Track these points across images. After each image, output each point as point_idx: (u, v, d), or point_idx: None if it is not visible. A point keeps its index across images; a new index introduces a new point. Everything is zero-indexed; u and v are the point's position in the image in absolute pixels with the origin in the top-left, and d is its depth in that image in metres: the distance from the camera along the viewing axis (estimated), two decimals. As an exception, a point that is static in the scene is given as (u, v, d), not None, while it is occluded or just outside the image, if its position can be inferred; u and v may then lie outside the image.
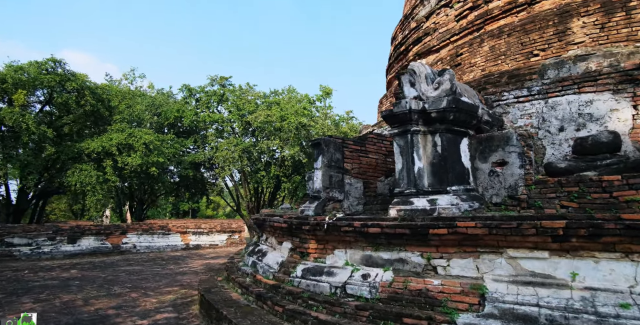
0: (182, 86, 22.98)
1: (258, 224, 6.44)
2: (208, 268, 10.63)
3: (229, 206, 55.86)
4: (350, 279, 4.07)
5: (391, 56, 10.10)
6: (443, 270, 3.54)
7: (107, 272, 10.06)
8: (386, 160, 6.30)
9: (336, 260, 4.50)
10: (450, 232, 3.38)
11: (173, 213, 50.56)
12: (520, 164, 4.26)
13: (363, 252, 4.23)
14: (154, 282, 8.37)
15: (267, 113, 18.92)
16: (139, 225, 16.09)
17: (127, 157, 17.18)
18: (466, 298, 3.18)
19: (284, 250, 5.44)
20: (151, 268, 10.78)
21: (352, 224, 4.14)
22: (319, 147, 5.49)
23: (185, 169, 21.19)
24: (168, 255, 14.21)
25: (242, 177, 22.79)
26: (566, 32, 5.79)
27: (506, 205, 4.30)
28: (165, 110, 22.37)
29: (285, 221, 5.20)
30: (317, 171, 5.49)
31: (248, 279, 5.73)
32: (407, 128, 4.29)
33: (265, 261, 5.60)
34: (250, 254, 6.44)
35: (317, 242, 4.82)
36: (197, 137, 22.95)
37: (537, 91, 5.02)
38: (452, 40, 7.68)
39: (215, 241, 17.24)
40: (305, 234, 4.89)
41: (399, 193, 4.28)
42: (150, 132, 18.39)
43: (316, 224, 4.60)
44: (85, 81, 17.75)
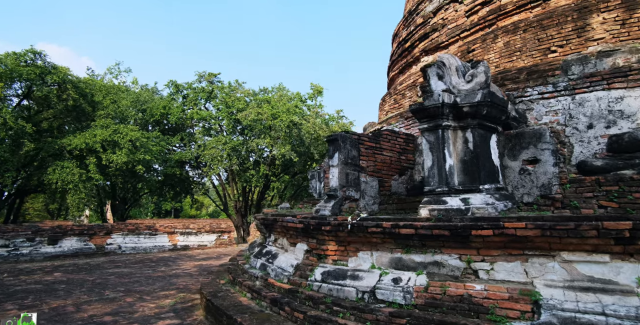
0: (168, 82, 22.38)
1: (266, 224, 6.11)
2: (202, 270, 10.23)
3: (212, 206, 55.07)
4: (380, 284, 3.81)
5: (394, 53, 9.89)
6: (485, 275, 3.31)
7: (95, 275, 9.55)
8: (400, 158, 6.07)
9: (360, 263, 4.23)
10: (497, 233, 3.15)
11: (155, 213, 49.50)
12: (554, 161, 4.08)
13: (392, 254, 3.97)
14: (148, 286, 7.93)
15: (257, 111, 18.52)
16: (125, 226, 15.48)
17: (112, 154, 16.52)
18: (517, 305, 2.96)
19: (298, 252, 5.14)
20: (141, 270, 10.29)
21: (381, 225, 3.87)
22: (336, 143, 5.21)
23: (172, 168, 20.58)
24: (156, 257, 13.68)
25: (230, 176, 22.32)
26: (585, 28, 5.66)
27: (539, 205, 4.12)
28: (150, 107, 21.70)
29: (300, 221, 4.90)
30: (333, 169, 5.21)
31: (258, 282, 5.40)
32: (438, 123, 4.05)
33: (277, 264, 5.29)
34: (257, 255, 6.11)
35: (338, 244, 4.53)
36: (183, 134, 22.35)
37: (563, 87, 4.86)
38: (462, 36, 7.51)
39: (204, 242, 16.75)
40: (325, 235, 4.61)
41: (429, 192, 4.04)
42: (136, 129, 17.73)
43: (338, 225, 4.32)
44: (67, 74, 16.95)
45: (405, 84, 8.62)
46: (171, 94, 22.53)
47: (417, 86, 8.22)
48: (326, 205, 5.07)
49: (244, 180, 21.10)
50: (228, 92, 21.55)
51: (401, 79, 9.34)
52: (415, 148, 6.30)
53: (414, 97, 8.27)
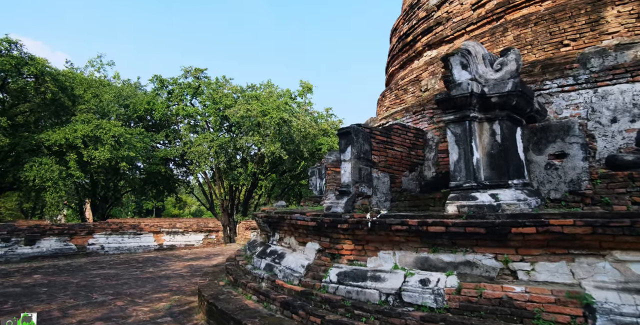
0: (152, 77, 21.68)
1: (270, 222, 5.79)
2: (193, 271, 9.81)
3: (195, 205, 54.11)
4: (406, 285, 3.55)
5: (393, 48, 9.68)
6: (525, 275, 3.09)
7: (78, 277, 9.02)
8: (410, 154, 5.84)
9: (381, 264, 3.97)
10: (540, 231, 2.93)
11: (136, 212, 48.32)
12: (584, 156, 3.90)
13: (417, 254, 3.72)
14: (138, 288, 7.49)
15: (246, 107, 18.08)
16: (108, 225, 14.85)
17: (94, 150, 15.85)
18: (565, 309, 2.74)
19: (308, 252, 4.85)
20: (128, 271, 9.80)
21: (407, 222, 3.62)
22: (348, 136, 4.94)
23: (156, 165, 19.94)
24: (142, 257, 13.15)
25: (216, 175, 21.79)
26: (600, 22, 5.54)
27: (567, 201, 3.94)
28: (134, 102, 20.99)
29: (312, 219, 4.61)
30: (345, 163, 4.94)
31: (264, 284, 5.08)
32: (465, 114, 3.82)
33: (286, 264, 4.98)
34: (260, 255, 5.78)
35: (355, 243, 4.26)
36: (168, 131, 21.70)
37: (584, 80, 4.70)
38: (468, 30, 7.34)
39: (191, 241, 16.24)
40: (340, 233, 4.33)
41: (455, 187, 3.80)
42: (120, 124, 17.07)
43: (356, 222, 4.05)
44: (45, 66, 16.13)
45: (407, 79, 8.41)
46: (155, 89, 21.84)
47: (420, 81, 8.02)
48: (338, 201, 4.79)
49: (231, 179, 20.61)
50: (215, 88, 21.01)
51: (402, 74, 9.13)
52: (424, 143, 6.08)
53: (417, 92, 8.07)
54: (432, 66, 7.77)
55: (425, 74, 7.88)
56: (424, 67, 7.99)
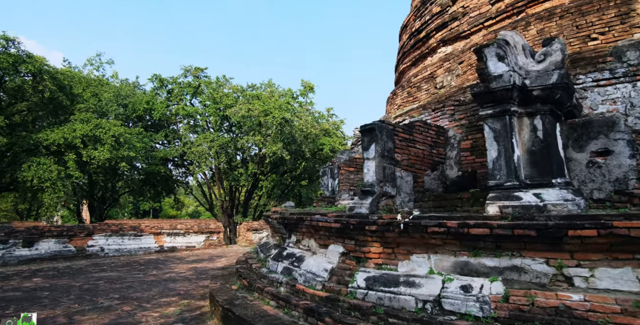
0: (152, 76, 21.39)
1: (286, 223, 5.52)
2: (198, 273, 9.52)
3: (192, 206, 53.69)
4: (445, 292, 3.29)
5: (404, 45, 9.44)
6: (583, 282, 2.85)
7: (80, 280, 8.71)
8: (431, 152, 5.59)
9: (414, 268, 3.71)
10: (602, 234, 2.69)
11: (132, 213, 47.85)
12: (630, 153, 3.66)
13: (455, 257, 3.47)
14: (145, 292, 7.20)
15: (248, 107, 17.81)
16: (107, 226, 14.52)
17: (94, 150, 15.51)
18: (636, 320, 2.49)
19: (330, 255, 4.58)
20: (131, 274, 9.50)
21: (445, 224, 3.36)
22: (372, 133, 4.68)
23: (156, 166, 19.61)
24: (143, 259, 12.83)
25: (216, 175, 21.49)
26: (630, 14, 5.33)
27: (612, 201, 3.70)
28: (132, 102, 20.66)
29: (336, 220, 4.34)
30: (369, 162, 4.68)
31: (282, 288, 4.81)
32: (506, 108, 3.58)
33: (306, 268, 4.71)
34: (276, 258, 5.51)
35: (383, 246, 4.01)
36: (167, 131, 21.38)
37: (622, 73, 4.48)
38: (486, 25, 7.12)
39: (192, 243, 15.92)
40: (368, 235, 4.07)
41: (495, 186, 3.55)
42: (119, 124, 16.74)
43: (387, 224, 3.79)
44: (43, 64, 15.79)
45: (420, 76, 8.17)
46: (155, 88, 21.54)
47: (435, 78, 7.79)
48: (362, 202, 4.53)
49: (231, 179, 20.33)
50: (215, 87, 20.73)
51: (414, 71, 8.89)
52: (445, 141, 5.84)
53: (431, 89, 7.83)
54: (447, 63, 7.54)
55: (441, 71, 7.65)
56: (439, 63, 7.76)
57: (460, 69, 7.20)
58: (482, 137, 5.44)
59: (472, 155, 5.50)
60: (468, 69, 7.05)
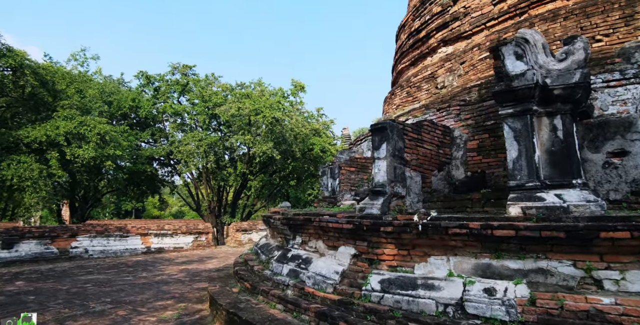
0: (138, 73, 20.93)
1: (291, 224, 5.37)
2: (191, 275, 9.26)
3: (176, 206, 52.85)
4: (468, 295, 3.21)
5: (403, 45, 9.39)
6: (614, 285, 2.79)
7: (66, 283, 8.36)
8: (438, 152, 5.53)
9: (431, 270, 3.62)
10: (636, 235, 2.63)
11: (114, 213, 46.82)
12: (647, 154, 3.64)
13: (476, 260, 3.38)
14: (137, 295, 6.93)
15: (238, 106, 17.54)
16: (92, 227, 14.07)
17: (78, 148, 15.01)
18: (672, 322, 2.45)
19: (340, 257, 4.45)
20: (119, 277, 9.17)
21: (467, 225, 3.28)
22: (383, 132, 4.58)
23: (142, 165, 19.14)
24: (130, 261, 12.46)
25: (204, 175, 21.11)
26: (634, 17, 5.37)
27: (629, 202, 3.69)
28: (118, 99, 20.11)
29: (348, 221, 4.22)
30: (380, 161, 4.57)
31: (289, 291, 4.66)
32: (527, 107, 3.52)
33: (315, 270, 4.57)
34: (280, 260, 5.35)
35: (398, 248, 3.90)
36: (154, 129, 20.90)
37: (632, 74, 4.49)
38: (488, 26, 7.11)
39: (180, 244, 15.57)
40: (382, 237, 3.96)
41: (517, 187, 3.49)
42: (105, 121, 16.27)
43: (404, 225, 3.69)
44: (24, 58, 15.20)
45: (420, 76, 8.12)
46: (141, 85, 21.08)
47: (435, 78, 7.75)
48: (373, 202, 4.42)
49: (220, 179, 20.01)
50: (204, 85, 20.38)
51: (413, 71, 8.85)
52: (451, 141, 5.78)
53: (431, 89, 7.79)
54: (449, 63, 7.50)
55: (442, 71, 7.62)
56: (440, 63, 7.73)
57: (462, 69, 7.18)
58: (488, 137, 5.42)
59: (479, 156, 5.46)
60: (470, 69, 7.03)
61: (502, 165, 5.17)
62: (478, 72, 6.88)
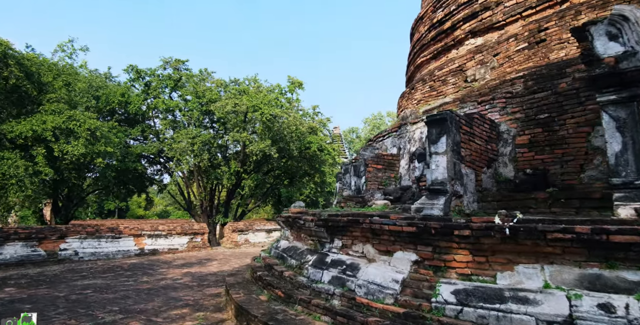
0: (127, 67, 20.03)
1: (329, 226, 4.84)
2: (197, 279, 8.64)
3: (161, 205, 51.57)
4: (577, 311, 2.75)
5: (422, 38, 8.96)
6: None
7: (63, 290, 7.65)
8: (486, 148, 5.09)
9: (520, 280, 3.16)
10: None
11: (96, 213, 45.33)
12: None
13: (581, 269, 2.93)
14: (147, 303, 6.31)
15: (235, 102, 16.89)
16: (82, 228, 13.25)
17: (67, 144, 14.13)
18: None
19: (398, 264, 3.96)
20: (119, 281, 8.49)
21: (572, 229, 2.82)
22: (443, 124, 4.11)
23: (132, 162, 18.29)
24: (126, 264, 11.72)
25: (196, 173, 20.34)
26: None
27: None
28: (106, 94, 19.19)
29: (410, 223, 3.73)
30: (439, 157, 4.11)
31: (336, 302, 4.15)
32: (635, 92, 3.09)
33: (366, 278, 4.07)
34: (317, 266, 4.83)
35: (473, 254, 3.43)
36: (144, 126, 20.02)
37: None
38: (524, 15, 6.72)
39: (175, 245, 14.84)
40: (453, 241, 3.48)
41: (623, 184, 3.06)
42: (95, 117, 15.40)
43: (486, 228, 3.22)
44: (8, 48, 14.23)
45: (446, 69, 7.70)
46: (130, 80, 20.15)
47: (464, 71, 7.34)
48: (433, 202, 3.95)
49: (213, 178, 19.29)
50: (198, 81, 19.63)
51: (436, 64, 8.42)
52: (497, 136, 5.36)
53: (459, 82, 7.38)
54: (479, 55, 7.10)
55: (471, 63, 7.21)
56: (469, 55, 7.31)
57: (496, 61, 6.78)
58: (542, 131, 5.01)
59: (531, 152, 5.04)
60: (505, 61, 6.63)
61: (559, 162, 4.77)
62: (515, 64, 6.48)
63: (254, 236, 17.44)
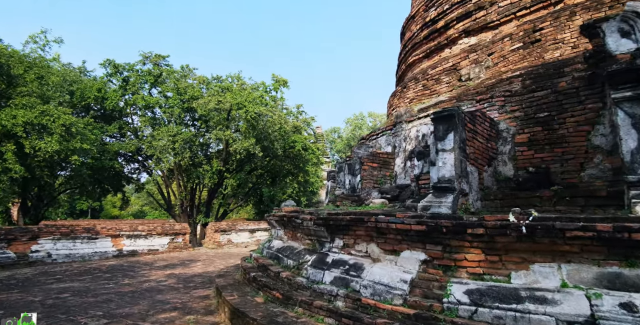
0: (104, 61, 19.33)
1: (329, 225, 4.69)
2: (181, 281, 8.33)
3: (137, 205, 50.21)
4: (598, 310, 2.70)
5: (414, 36, 8.93)
6: None
7: (37, 294, 7.22)
8: (487, 146, 5.05)
9: (536, 280, 3.09)
10: None
11: (68, 213, 43.69)
12: None
13: (600, 268, 2.88)
14: (131, 306, 5.99)
15: (218, 99, 16.53)
16: (56, 228, 12.65)
17: (39, 140, 13.47)
18: None
19: (405, 263, 3.85)
20: (98, 284, 8.09)
21: (593, 227, 2.77)
22: (450, 121, 4.03)
23: (109, 161, 17.64)
24: (104, 266, 11.23)
25: (177, 172, 19.81)
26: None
27: None
28: (81, 89, 18.46)
29: (419, 222, 3.62)
30: (446, 154, 4.02)
31: (340, 303, 4.00)
32: (651, 90, 3.07)
33: (371, 278, 3.94)
34: (317, 266, 4.66)
35: (486, 252, 3.35)
36: (121, 123, 19.35)
37: None
38: (518, 15, 6.76)
39: (155, 246, 14.37)
40: (465, 240, 3.39)
41: (639, 182, 3.03)
42: (70, 112, 14.74)
43: (501, 227, 3.14)
44: (-25, 39, 13.50)
45: (439, 67, 7.67)
46: (107, 75, 19.44)
47: (458, 70, 7.33)
48: (441, 200, 3.86)
49: (195, 177, 18.84)
50: (179, 77, 19.13)
51: (428, 63, 8.40)
52: (497, 135, 5.33)
53: (452, 81, 7.36)
54: (474, 54, 7.10)
55: (466, 62, 7.20)
56: (462, 55, 7.31)
57: (491, 60, 6.79)
58: (542, 130, 5.02)
59: (531, 150, 5.03)
60: (500, 60, 6.64)
61: (559, 161, 4.77)
62: (510, 63, 6.50)
63: (237, 236, 17.11)
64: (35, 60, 16.14)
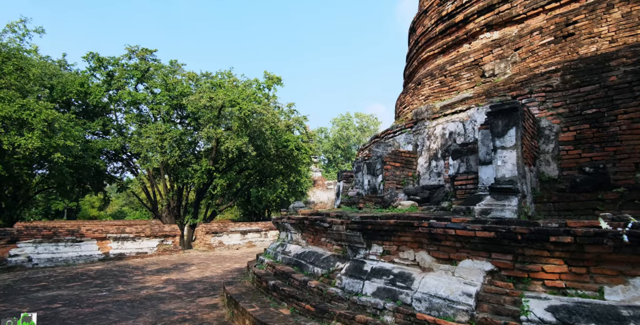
0: (87, 54, 18.45)
1: (369, 230, 4.23)
2: (183, 287, 7.73)
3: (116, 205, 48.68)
4: None
5: (427, 31, 8.55)
6: None
7: (23, 304, 6.52)
8: (531, 145, 4.69)
9: (637, 296, 2.71)
10: None
11: (42, 214, 41.92)
12: None
13: None
14: (134, 318, 5.40)
15: (210, 96, 15.87)
16: (38, 231, 11.81)
17: (19, 136, 12.56)
18: None
19: (466, 274, 3.42)
20: (90, 292, 7.41)
21: None
22: (511, 115, 3.63)
23: (93, 158, 16.73)
24: (91, 271, 10.48)
25: (163, 171, 19.00)
26: None
27: None
28: (62, 83, 17.49)
29: (485, 227, 3.20)
30: (506, 152, 3.63)
31: (388, 318, 3.55)
32: None
33: (425, 290, 3.49)
34: (353, 275, 4.20)
35: (570, 264, 2.95)
36: (105, 119, 18.43)
37: None
38: (547, 8, 6.45)
39: (144, 248, 13.62)
40: (544, 249, 2.99)
41: None
42: (52, 106, 13.85)
43: (594, 235, 2.74)
44: (-51, 27, 12.48)
45: (459, 63, 7.32)
46: (91, 69, 18.52)
47: (480, 65, 6.99)
48: (503, 203, 3.46)
49: (183, 176, 18.08)
50: (167, 73, 18.36)
51: (445, 59, 8.04)
52: (538, 133, 4.98)
53: (474, 77, 7.02)
54: (498, 49, 6.77)
55: (489, 58, 6.87)
56: (485, 50, 6.97)
57: (518, 55, 6.46)
58: (589, 128, 4.69)
59: (577, 150, 4.69)
60: (529, 55, 6.32)
61: (610, 161, 4.44)
62: (539, 58, 6.19)
63: (229, 238, 16.49)
64: (14, 51, 15.11)
